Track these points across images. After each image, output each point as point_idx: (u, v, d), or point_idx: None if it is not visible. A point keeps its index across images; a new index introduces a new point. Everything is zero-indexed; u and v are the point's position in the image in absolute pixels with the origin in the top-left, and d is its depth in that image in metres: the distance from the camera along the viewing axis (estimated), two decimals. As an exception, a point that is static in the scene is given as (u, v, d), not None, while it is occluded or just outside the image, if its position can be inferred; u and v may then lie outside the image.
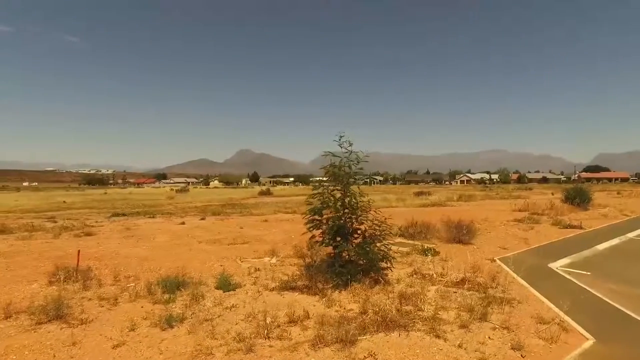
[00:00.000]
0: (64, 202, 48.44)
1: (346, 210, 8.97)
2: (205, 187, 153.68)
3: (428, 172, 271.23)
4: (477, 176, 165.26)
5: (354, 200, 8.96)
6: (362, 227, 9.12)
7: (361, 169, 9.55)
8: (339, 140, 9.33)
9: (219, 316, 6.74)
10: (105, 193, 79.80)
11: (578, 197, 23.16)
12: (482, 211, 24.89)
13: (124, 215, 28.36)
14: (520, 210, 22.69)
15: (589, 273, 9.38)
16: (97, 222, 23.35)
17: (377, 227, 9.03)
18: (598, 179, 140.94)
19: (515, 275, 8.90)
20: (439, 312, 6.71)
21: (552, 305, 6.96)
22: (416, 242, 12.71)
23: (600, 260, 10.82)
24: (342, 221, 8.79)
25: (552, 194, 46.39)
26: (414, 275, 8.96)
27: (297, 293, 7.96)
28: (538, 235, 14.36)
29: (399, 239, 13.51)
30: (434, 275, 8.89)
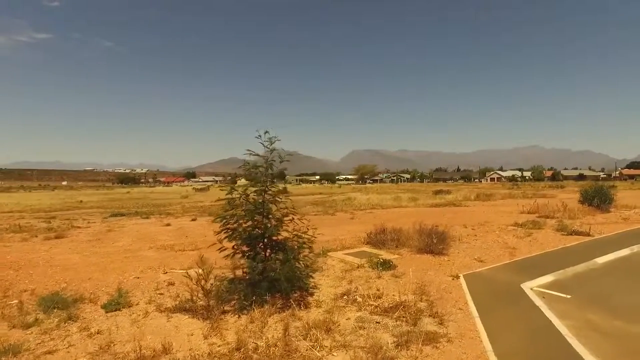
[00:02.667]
0: (81, 201, 49.45)
1: (264, 218, 7.59)
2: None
3: (458, 170, 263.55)
4: (509, 173, 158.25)
5: (268, 206, 7.54)
6: (283, 237, 7.70)
7: (285, 169, 8.18)
8: (263, 136, 7.94)
9: (69, 346, 5.52)
10: (128, 192, 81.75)
11: (597, 198, 20.46)
12: (489, 213, 22.67)
13: (122, 215, 28.12)
14: (529, 212, 20.34)
15: (568, 296, 7.50)
16: (89, 222, 23.03)
17: (298, 239, 7.60)
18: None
19: (469, 299, 7.19)
20: (334, 353, 5.18)
21: (489, 348, 5.26)
22: (381, 252, 11.08)
23: (592, 278, 8.82)
24: (256, 231, 7.40)
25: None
26: (344, 297, 7.40)
27: (188, 316, 6.62)
28: (532, 243, 12.32)
29: (364, 247, 11.91)
30: (369, 297, 7.30)
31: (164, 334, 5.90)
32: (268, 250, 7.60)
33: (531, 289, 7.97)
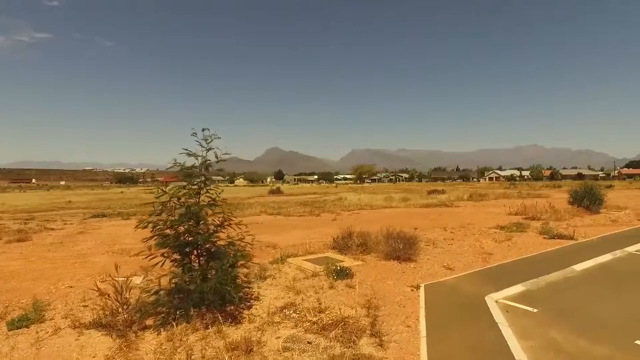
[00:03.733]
0: (70, 201, 48.78)
1: (197, 224, 6.86)
2: (229, 185, 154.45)
3: (458, 169, 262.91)
4: (507, 173, 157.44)
5: (201, 210, 6.79)
6: (219, 245, 6.96)
7: (221, 169, 7.46)
8: (202, 135, 7.20)
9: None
10: (122, 192, 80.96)
11: (586, 199, 19.65)
12: (476, 214, 21.91)
13: (103, 216, 27.46)
14: (517, 214, 19.57)
15: (535, 310, 6.74)
16: (65, 224, 22.35)
17: (232, 246, 6.87)
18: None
19: (422, 315, 6.44)
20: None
21: (424, 377, 4.52)
22: (345, 258, 10.33)
23: (566, 288, 8.06)
24: (186, 237, 6.65)
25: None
26: (283, 311, 6.65)
27: (102, 333, 5.88)
28: (510, 248, 11.56)
29: (329, 252, 11.16)
30: (309, 311, 6.54)
31: (63, 356, 5.17)
32: (202, 259, 6.87)
33: (496, 301, 7.22)
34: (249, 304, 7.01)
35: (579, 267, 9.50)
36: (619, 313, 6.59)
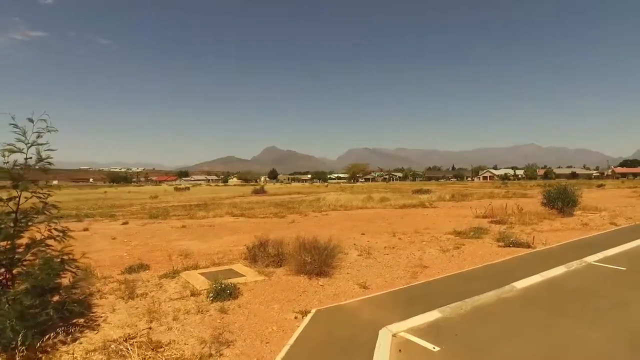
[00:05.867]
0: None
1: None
2: (223, 184, 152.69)
3: (453, 168, 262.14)
4: (502, 172, 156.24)
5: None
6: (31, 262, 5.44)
7: (47, 170, 5.98)
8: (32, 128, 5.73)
9: None
10: (105, 192, 79.29)
11: (560, 200, 18.09)
12: (443, 216, 20.36)
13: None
14: (484, 217, 18.04)
15: (436, 349, 5.20)
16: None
17: (47, 265, 5.34)
18: (635, 174, 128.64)
19: (279, 358, 4.91)
20: None
21: None
22: (250, 271, 8.78)
23: (491, 315, 6.50)
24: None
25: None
26: (112, 346, 5.09)
27: None
28: (453, 259, 9.99)
29: (237, 264, 9.59)
30: (141, 347, 4.99)
31: None
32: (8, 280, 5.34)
33: (394, 335, 5.67)
34: (77, 336, 5.46)
35: (521, 284, 7.95)
36: (540, 352, 5.06)
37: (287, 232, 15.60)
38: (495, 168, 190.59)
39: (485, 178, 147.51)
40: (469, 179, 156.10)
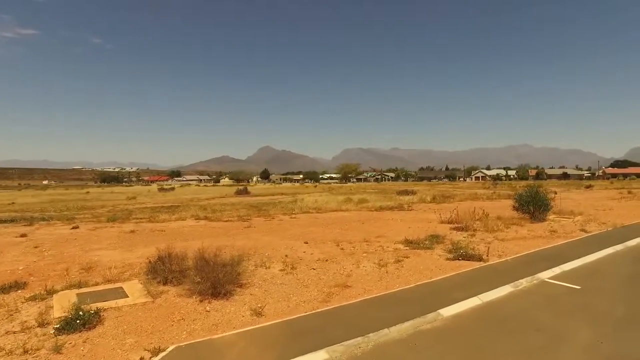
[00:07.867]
0: (13, 203, 45.56)
1: None
2: (213, 185, 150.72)
3: (447, 168, 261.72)
4: (494, 172, 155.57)
5: None
6: None
7: None
8: None
9: None
10: (87, 192, 77.50)
11: (531, 204, 16.83)
12: (405, 221, 18.99)
13: (12, 221, 24.39)
14: (449, 222, 16.79)
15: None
16: None
17: None
18: (625, 175, 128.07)
19: None
20: None
21: None
22: (138, 291, 7.46)
23: (396, 357, 5.25)
24: None
25: (555, 192, 39.22)
26: None
27: None
28: (384, 277, 8.66)
29: (134, 281, 8.28)
30: None
31: None
32: None
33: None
34: None
35: (449, 310, 6.67)
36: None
37: (228, 240, 14.31)
38: (488, 168, 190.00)
39: (477, 178, 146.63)
40: (461, 179, 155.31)
